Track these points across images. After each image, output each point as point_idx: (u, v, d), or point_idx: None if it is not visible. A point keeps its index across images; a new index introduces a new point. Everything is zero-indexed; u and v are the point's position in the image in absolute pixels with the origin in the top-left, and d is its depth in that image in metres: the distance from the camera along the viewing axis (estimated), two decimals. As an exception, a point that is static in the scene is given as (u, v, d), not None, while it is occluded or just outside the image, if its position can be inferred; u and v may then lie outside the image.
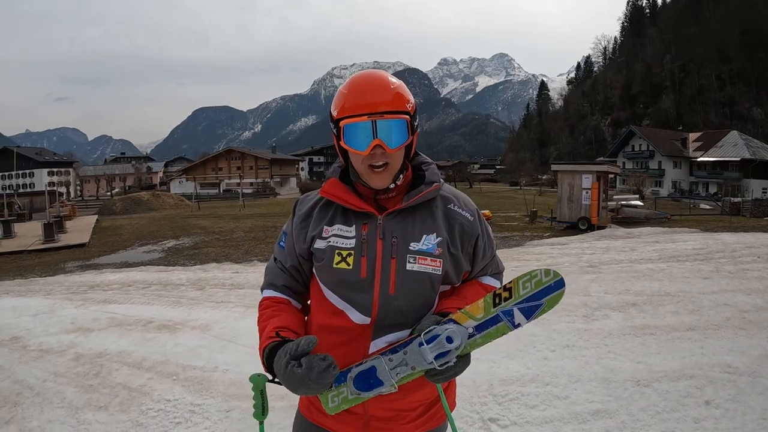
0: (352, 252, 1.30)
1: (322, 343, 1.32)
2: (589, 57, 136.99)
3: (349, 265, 1.29)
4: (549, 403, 3.39)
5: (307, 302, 1.47)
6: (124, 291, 7.72)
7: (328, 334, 1.33)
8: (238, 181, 51.61)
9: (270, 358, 1.23)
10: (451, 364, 1.22)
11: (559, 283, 1.23)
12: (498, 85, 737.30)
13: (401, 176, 1.34)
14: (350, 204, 1.32)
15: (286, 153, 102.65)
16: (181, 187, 64.10)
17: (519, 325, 1.24)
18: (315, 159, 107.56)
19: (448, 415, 1.36)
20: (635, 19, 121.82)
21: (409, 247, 1.30)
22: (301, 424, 1.48)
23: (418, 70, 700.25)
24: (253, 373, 1.29)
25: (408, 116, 1.27)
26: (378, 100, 1.24)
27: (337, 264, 1.30)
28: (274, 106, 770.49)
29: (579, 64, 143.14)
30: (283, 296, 1.44)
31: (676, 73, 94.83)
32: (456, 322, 1.24)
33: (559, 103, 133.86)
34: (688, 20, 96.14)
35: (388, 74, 1.31)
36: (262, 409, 1.28)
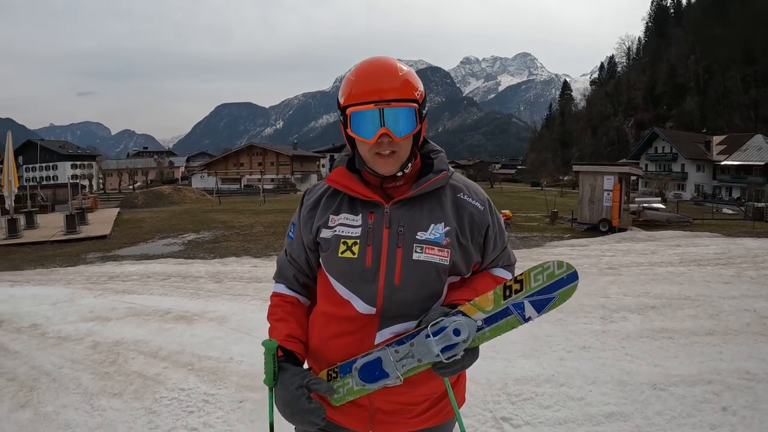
0: (358, 241, 1.28)
1: (328, 331, 1.31)
2: (612, 57, 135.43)
3: (354, 254, 1.27)
4: (563, 404, 3.34)
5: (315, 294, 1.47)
6: (143, 282, 7.82)
7: (333, 323, 1.32)
8: (259, 177, 51.87)
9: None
10: (458, 358, 1.20)
11: (572, 276, 1.20)
12: (520, 84, 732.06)
13: (409, 165, 1.31)
14: (357, 192, 1.30)
15: (308, 150, 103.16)
16: (202, 182, 64.69)
17: (530, 319, 1.21)
18: (336, 156, 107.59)
19: (455, 410, 1.31)
20: (659, 19, 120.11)
21: (416, 237, 1.27)
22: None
23: (441, 69, 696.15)
24: (266, 339, 1.27)
25: (416, 104, 1.24)
26: (385, 87, 1.21)
27: (342, 253, 1.28)
28: (296, 103, 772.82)
29: (602, 65, 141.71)
30: (292, 293, 1.45)
31: (701, 74, 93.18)
32: (464, 314, 1.22)
33: (582, 104, 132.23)
34: (713, 20, 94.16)
35: (396, 60, 1.27)
36: (274, 374, 1.25)
